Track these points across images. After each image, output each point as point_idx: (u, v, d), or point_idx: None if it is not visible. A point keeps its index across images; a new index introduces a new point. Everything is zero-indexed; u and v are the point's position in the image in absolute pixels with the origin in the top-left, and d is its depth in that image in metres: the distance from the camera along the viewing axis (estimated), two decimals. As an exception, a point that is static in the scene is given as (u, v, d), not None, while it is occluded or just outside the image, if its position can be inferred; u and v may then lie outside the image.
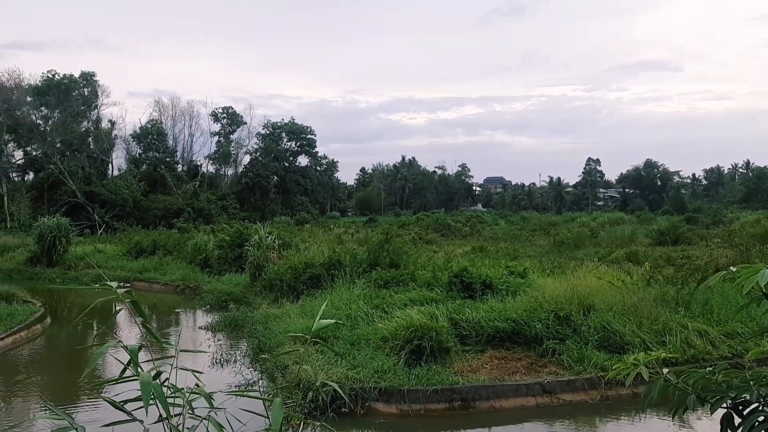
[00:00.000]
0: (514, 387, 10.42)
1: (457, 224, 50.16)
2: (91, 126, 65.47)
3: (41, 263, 30.65)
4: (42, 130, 61.22)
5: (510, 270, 17.08)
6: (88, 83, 65.17)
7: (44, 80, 62.30)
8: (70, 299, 24.64)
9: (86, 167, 61.70)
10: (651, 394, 2.77)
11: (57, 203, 55.74)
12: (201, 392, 2.71)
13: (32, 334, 16.70)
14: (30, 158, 62.36)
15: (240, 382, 11.71)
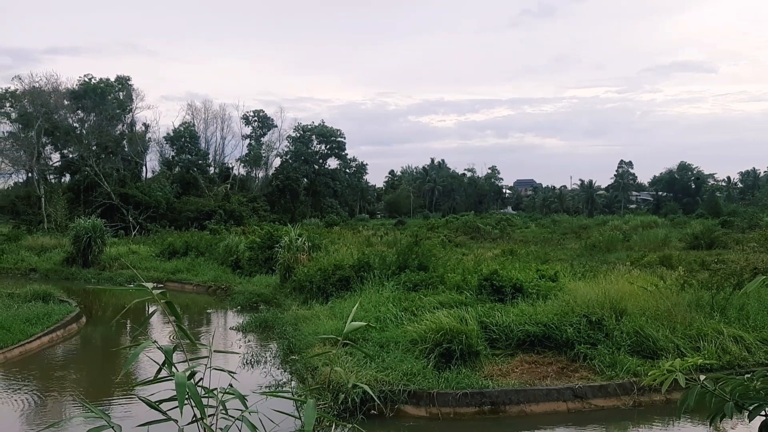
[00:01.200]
0: (544, 391, 10.32)
1: (486, 227, 49.89)
2: (125, 129, 66.58)
3: (77, 264, 31.26)
4: (78, 133, 62.43)
5: (541, 273, 16.93)
6: (123, 87, 66.34)
7: (81, 84, 63.59)
8: (104, 299, 25.10)
9: (121, 169, 62.78)
10: (688, 401, 2.72)
11: (92, 205, 56.79)
12: (235, 393, 2.74)
13: (68, 334, 17.03)
14: (67, 161, 63.64)
15: (270, 383, 11.80)
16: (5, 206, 58.89)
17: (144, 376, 11.48)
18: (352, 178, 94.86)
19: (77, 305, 19.98)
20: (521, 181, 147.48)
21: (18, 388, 12.31)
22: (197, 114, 76.25)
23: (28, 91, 60.59)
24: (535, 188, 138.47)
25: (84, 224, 31.73)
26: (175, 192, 64.18)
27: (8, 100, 61.82)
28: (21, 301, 19.12)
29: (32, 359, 14.56)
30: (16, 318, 16.60)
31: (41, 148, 60.46)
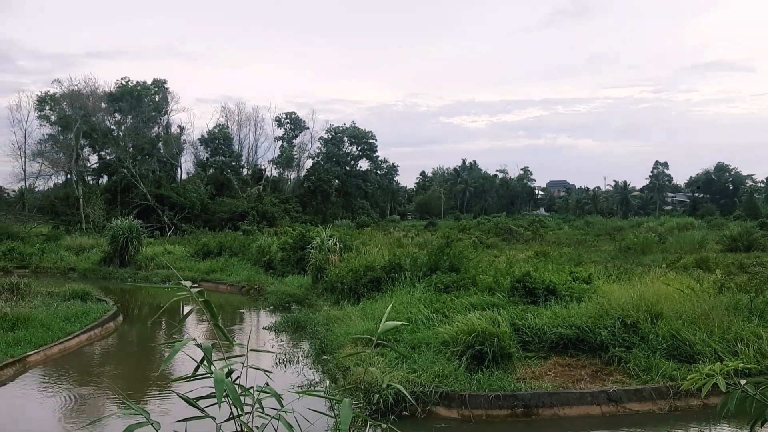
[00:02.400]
0: (578, 395, 10.21)
1: (519, 228, 49.53)
2: (161, 131, 67.73)
3: (114, 263, 31.88)
4: (115, 135, 63.70)
5: (574, 275, 16.75)
6: (159, 90, 67.53)
7: (118, 87, 64.91)
8: (140, 298, 25.58)
9: (157, 171, 63.88)
10: (728, 406, 2.68)
11: (129, 206, 57.89)
12: (271, 391, 2.78)
13: (105, 332, 17.38)
14: (104, 162, 64.95)
15: (303, 382, 11.89)
16: (45, 207, 60.35)
17: (179, 373, 11.67)
18: (383, 179, 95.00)
19: (114, 304, 20.39)
20: (554, 182, 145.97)
21: (58, 385, 12.62)
22: (231, 116, 77.28)
23: (67, 94, 62.06)
24: (569, 189, 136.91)
25: (121, 225, 32.35)
26: (209, 193, 65.04)
27: (48, 104, 63.37)
28: (60, 299, 19.58)
29: (71, 357, 14.90)
30: (56, 316, 17.01)
31: (80, 150, 61.85)
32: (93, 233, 46.20)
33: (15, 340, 14.33)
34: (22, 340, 14.38)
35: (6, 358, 13.01)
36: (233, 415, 2.71)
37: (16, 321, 15.76)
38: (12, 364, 12.96)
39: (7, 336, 14.53)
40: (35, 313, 16.87)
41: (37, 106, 63.39)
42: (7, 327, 15.31)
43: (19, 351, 13.66)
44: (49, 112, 63.64)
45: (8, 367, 12.79)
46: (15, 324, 15.57)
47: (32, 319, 16.20)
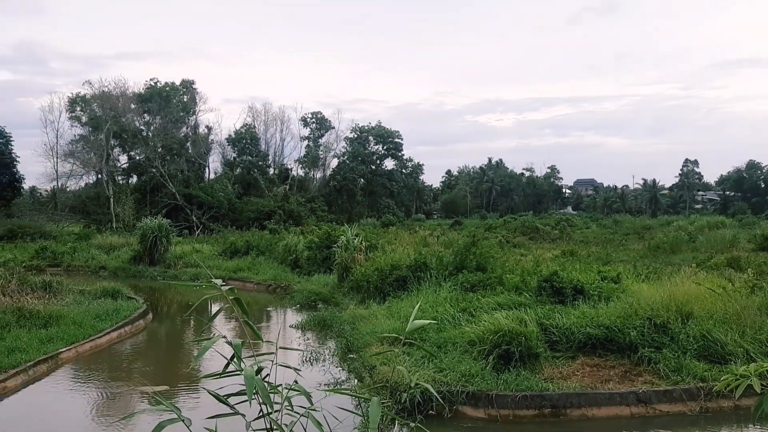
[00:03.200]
0: (607, 395, 10.10)
1: (545, 227, 49.09)
2: (189, 131, 68.51)
3: (144, 262, 32.33)
4: (145, 136, 64.58)
5: (602, 275, 16.56)
6: (188, 90, 68.31)
7: (147, 88, 65.80)
8: (169, 296, 25.91)
9: (185, 171, 64.62)
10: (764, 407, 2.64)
11: (158, 205, 58.67)
12: (300, 389, 2.80)
13: (135, 329, 17.64)
14: (134, 162, 65.90)
15: (329, 381, 11.95)
16: (77, 206, 61.45)
17: (208, 370, 11.80)
18: (408, 178, 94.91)
19: (144, 302, 20.68)
20: (581, 180, 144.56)
21: (89, 382, 12.85)
22: (257, 116, 77.88)
23: (98, 95, 63.10)
24: (596, 188, 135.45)
25: (150, 224, 32.78)
26: (237, 192, 65.62)
27: (79, 105, 64.48)
28: (91, 297, 19.93)
29: (102, 353, 15.15)
30: (87, 314, 17.32)
31: (110, 150, 62.84)
32: (123, 232, 46.90)
33: (48, 337, 14.62)
34: (55, 337, 14.66)
35: (39, 354, 13.28)
36: (263, 413, 2.74)
37: (49, 318, 16.09)
38: (45, 360, 13.22)
39: (40, 333, 14.83)
40: (67, 311, 17.20)
41: (69, 107, 64.57)
42: (40, 324, 15.63)
43: (52, 348, 13.94)
44: (80, 113, 64.76)
45: (42, 363, 13.05)
46: (48, 321, 15.89)
47: (64, 316, 16.52)
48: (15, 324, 15.29)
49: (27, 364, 12.61)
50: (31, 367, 12.65)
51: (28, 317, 15.91)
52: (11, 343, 13.58)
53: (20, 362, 12.56)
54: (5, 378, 11.79)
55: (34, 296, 18.16)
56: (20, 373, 12.25)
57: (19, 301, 17.00)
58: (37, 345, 13.84)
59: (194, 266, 30.41)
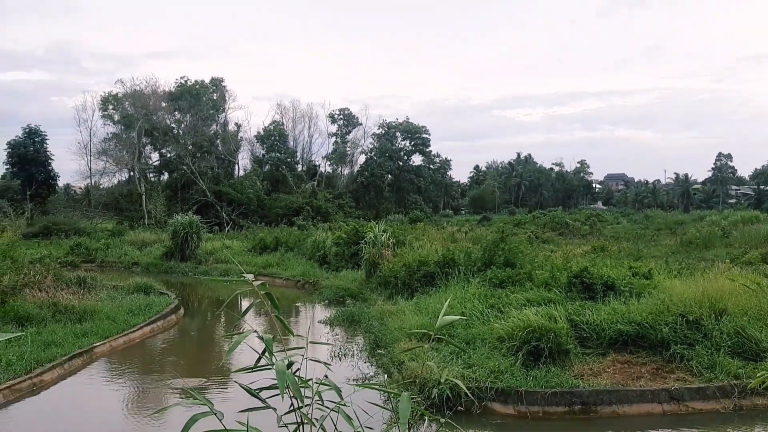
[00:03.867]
0: (638, 393, 9.98)
1: (575, 223, 48.54)
2: (219, 129, 69.18)
3: (175, 258, 32.76)
4: (175, 134, 65.39)
5: (633, 271, 16.33)
6: (217, 88, 68.97)
7: (177, 86, 66.59)
8: (200, 292, 26.25)
9: (215, 168, 65.30)
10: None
11: (189, 202, 59.36)
12: (331, 384, 2.82)
13: (167, 324, 17.91)
14: (165, 160, 66.79)
15: (358, 376, 12.00)
16: (110, 203, 62.52)
17: (239, 364, 11.95)
18: (436, 173, 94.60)
19: (176, 297, 20.99)
20: (612, 175, 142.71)
21: (123, 375, 13.10)
22: (286, 113, 78.35)
23: (130, 93, 64.06)
24: (627, 183, 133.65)
25: (181, 220, 33.22)
26: (265, 189, 66.11)
27: (111, 103, 65.55)
28: (125, 293, 20.28)
29: (135, 348, 15.42)
30: (121, 309, 17.63)
31: (142, 148, 63.73)
32: (155, 229, 47.60)
33: (83, 331, 14.92)
34: (89, 332, 14.96)
35: (74, 348, 13.57)
36: (293, 407, 2.77)
37: (84, 313, 16.42)
38: (80, 354, 13.50)
39: (75, 328, 15.15)
40: (101, 306, 17.54)
41: (101, 106, 65.69)
42: (75, 319, 15.96)
43: (87, 342, 14.22)
44: (112, 111, 65.82)
45: (77, 357, 13.33)
46: (82, 316, 16.22)
47: (98, 311, 16.84)
48: (51, 319, 15.64)
49: (63, 358, 12.90)
50: (66, 360, 12.93)
51: (63, 312, 16.26)
52: (47, 338, 13.89)
53: (56, 356, 12.85)
54: (42, 371, 12.07)
55: (69, 292, 18.53)
56: (56, 367, 12.53)
57: (54, 297, 17.37)
58: (72, 339, 14.13)
59: (224, 262, 30.75)
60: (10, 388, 11.12)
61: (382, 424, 7.55)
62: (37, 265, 19.53)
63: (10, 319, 14.92)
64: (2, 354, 12.15)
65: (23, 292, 16.91)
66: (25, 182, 59.55)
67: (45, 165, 63.01)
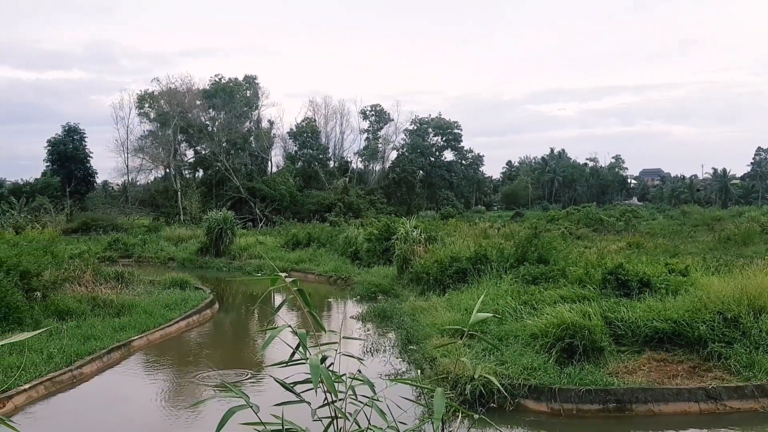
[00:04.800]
0: (674, 391, 9.83)
1: (610, 219, 47.87)
2: (252, 126, 69.88)
3: (210, 253, 33.24)
4: (210, 131, 66.24)
5: (670, 267, 16.05)
6: (251, 86, 69.66)
7: (212, 84, 67.42)
8: (234, 287, 26.59)
9: (248, 165, 65.98)
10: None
11: (223, 198, 60.14)
12: (364, 379, 2.85)
13: (203, 319, 18.20)
14: (199, 157, 67.70)
15: (390, 371, 12.04)
16: (146, 200, 63.66)
17: (273, 358, 12.09)
18: (468, 169, 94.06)
19: (210, 292, 21.30)
20: (648, 170, 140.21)
21: (160, 369, 13.36)
22: (318, 110, 78.67)
23: (165, 92, 65.04)
24: (663, 178, 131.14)
25: (216, 216, 33.68)
26: (298, 185, 66.57)
27: (147, 101, 66.64)
28: (161, 287, 20.66)
29: (171, 342, 15.71)
30: (157, 303, 17.98)
31: (177, 145, 64.73)
32: (190, 225, 48.33)
33: (120, 325, 15.25)
34: (127, 326, 15.29)
35: (113, 342, 13.88)
36: (327, 401, 2.80)
37: (122, 307, 16.80)
38: (118, 348, 13.81)
39: (114, 321, 15.49)
40: (138, 301, 17.91)
41: (138, 104, 66.85)
42: (114, 313, 16.33)
43: (125, 336, 14.54)
44: (148, 109, 66.93)
45: (115, 350, 13.64)
46: (120, 310, 16.59)
47: (136, 305, 17.20)
48: (90, 313, 16.03)
49: (101, 351, 13.21)
50: (105, 354, 13.24)
51: (102, 306, 16.65)
52: (87, 331, 14.24)
53: (95, 349, 13.16)
54: (82, 364, 12.38)
55: (108, 286, 18.96)
56: (95, 360, 12.84)
57: (93, 291, 17.79)
58: (110, 333, 14.46)
59: (258, 258, 31.09)
60: (51, 380, 11.43)
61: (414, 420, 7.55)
62: (77, 260, 19.97)
63: (51, 313, 15.34)
64: (44, 346, 12.50)
65: (63, 286, 17.36)
66: (64, 179, 60.97)
67: (84, 162, 64.45)
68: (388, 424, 2.72)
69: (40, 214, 43.46)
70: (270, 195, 60.88)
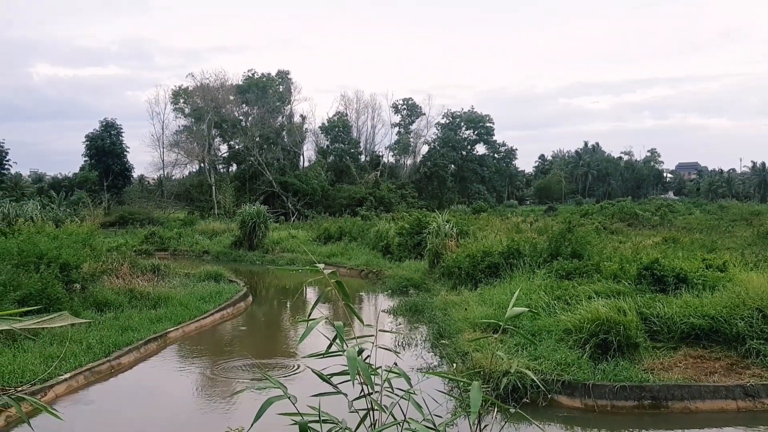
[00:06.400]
0: (711, 388, 9.67)
1: (645, 213, 47.06)
2: (285, 120, 70.36)
3: (243, 247, 33.65)
4: (243, 126, 66.89)
5: (707, 263, 15.76)
6: (283, 81, 70.14)
7: (245, 79, 68.05)
8: (268, 280, 26.88)
9: (281, 159, 66.48)
10: None
11: (256, 192, 60.71)
12: (400, 372, 2.87)
13: (237, 311, 18.45)
14: (233, 151, 68.45)
15: (421, 365, 12.07)
16: (181, 194, 64.59)
17: (306, 350, 12.21)
18: (500, 163, 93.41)
19: (244, 285, 21.56)
20: (684, 164, 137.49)
21: (196, 360, 13.59)
22: (349, 104, 78.85)
23: (200, 87, 65.82)
24: (700, 172, 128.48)
25: (249, 210, 34.07)
26: (329, 180, 66.87)
27: (182, 97, 67.55)
28: (196, 280, 20.99)
29: (206, 334, 15.96)
30: (192, 296, 18.28)
31: (211, 140, 65.48)
32: (224, 218, 48.96)
33: (157, 317, 15.55)
34: (163, 318, 15.58)
35: (149, 333, 14.16)
36: (364, 393, 2.83)
37: (158, 300, 17.11)
38: (155, 339, 14.09)
39: (150, 313, 15.80)
40: (174, 293, 18.22)
41: (173, 100, 67.83)
42: (150, 305, 16.65)
43: (161, 327, 14.82)
44: (183, 104, 67.86)
45: (152, 341, 13.91)
46: (156, 302, 16.91)
47: (172, 298, 17.51)
48: (127, 304, 16.37)
49: (138, 342, 13.49)
50: (142, 345, 13.51)
51: (139, 298, 16.99)
52: (124, 323, 14.55)
53: (132, 340, 13.44)
54: (119, 355, 12.66)
55: (144, 279, 19.31)
56: (133, 351, 13.11)
57: (130, 283, 18.14)
58: (147, 324, 14.75)
59: (291, 251, 31.36)
60: (90, 370, 11.71)
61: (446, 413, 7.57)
62: (114, 253, 20.40)
63: (90, 305, 15.70)
64: (83, 337, 12.81)
65: (101, 278, 17.74)
66: (102, 174, 62.19)
67: (121, 157, 65.64)
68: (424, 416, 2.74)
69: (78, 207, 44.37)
70: (302, 189, 61.27)
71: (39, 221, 25.49)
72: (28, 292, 13.59)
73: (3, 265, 14.05)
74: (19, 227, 22.35)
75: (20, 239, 17.41)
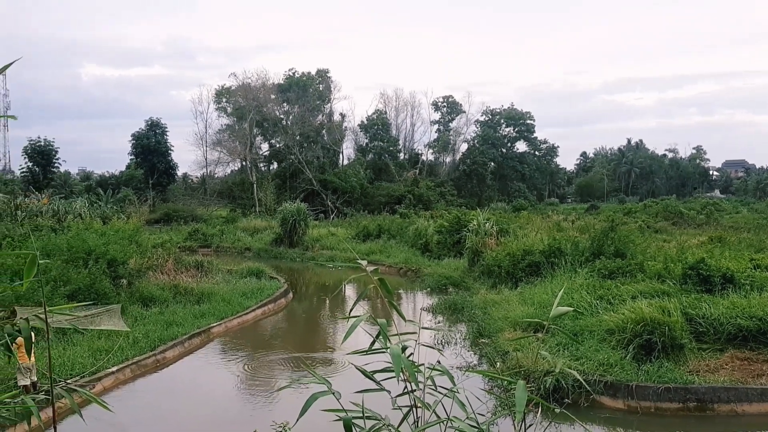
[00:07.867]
0: (759, 391, 9.44)
1: (690, 212, 46.02)
2: (324, 119, 70.74)
3: (284, 244, 34.01)
4: (284, 124, 67.52)
5: (755, 263, 15.35)
6: (323, 79, 70.52)
7: (286, 78, 68.65)
8: (308, 277, 27.13)
9: (320, 157, 66.89)
10: None
11: (296, 190, 61.22)
12: (443, 370, 2.89)
13: (278, 307, 18.70)
14: (274, 150, 69.14)
15: (461, 364, 12.05)
16: (224, 192, 65.55)
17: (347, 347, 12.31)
18: (540, 161, 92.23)
19: (285, 282, 21.82)
20: (731, 162, 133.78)
21: (238, 355, 13.81)
22: (389, 102, 78.83)
23: (242, 86, 66.65)
24: (748, 170, 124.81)
25: (290, 208, 34.40)
26: (368, 178, 67.01)
27: (225, 96, 68.52)
28: (238, 276, 21.35)
29: (248, 329, 16.22)
30: (235, 292, 18.60)
31: (253, 138, 66.27)
32: (265, 216, 49.55)
33: (201, 312, 15.88)
34: (207, 313, 15.90)
35: (193, 328, 14.48)
36: (407, 390, 2.86)
37: (201, 295, 17.47)
38: (198, 334, 14.39)
39: (194, 309, 16.15)
40: (217, 289, 18.58)
41: (215, 99, 68.85)
42: (194, 300, 17.00)
43: (204, 322, 15.13)
44: (225, 104, 68.80)
45: (195, 336, 14.21)
46: (200, 298, 17.26)
47: (215, 294, 17.85)
48: (172, 300, 16.75)
49: (183, 337, 13.81)
50: (186, 339, 13.82)
51: (183, 294, 17.37)
52: (169, 318, 14.90)
53: (177, 335, 13.77)
54: (165, 349, 12.98)
55: (188, 275, 19.72)
56: (177, 345, 13.43)
57: (175, 279, 18.56)
58: (191, 320, 15.07)
59: (330, 249, 31.55)
60: (136, 364, 12.04)
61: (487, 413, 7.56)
62: (159, 249, 20.84)
63: (136, 300, 16.11)
64: (130, 332, 13.15)
65: (147, 274, 18.18)
66: (147, 172, 63.50)
67: (165, 155, 66.88)
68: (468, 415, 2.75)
69: (125, 205, 45.42)
70: (341, 187, 61.58)
71: (87, 218, 26.24)
72: (77, 287, 14.03)
73: (53, 261, 14.51)
74: (68, 224, 23.04)
75: (69, 236, 17.94)
